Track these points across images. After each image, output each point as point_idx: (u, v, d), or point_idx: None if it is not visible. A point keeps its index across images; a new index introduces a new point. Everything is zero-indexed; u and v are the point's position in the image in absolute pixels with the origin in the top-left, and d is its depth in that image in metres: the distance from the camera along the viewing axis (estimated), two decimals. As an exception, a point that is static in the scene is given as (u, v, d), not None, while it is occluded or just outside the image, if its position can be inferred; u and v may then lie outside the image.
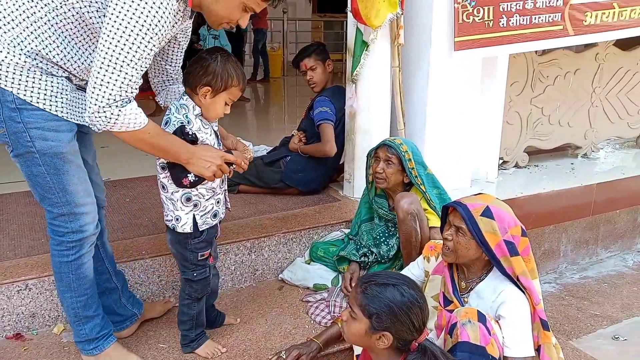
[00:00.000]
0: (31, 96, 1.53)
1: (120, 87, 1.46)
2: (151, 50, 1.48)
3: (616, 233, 3.61)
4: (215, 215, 1.84)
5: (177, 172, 1.70)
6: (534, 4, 2.81)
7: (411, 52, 2.82)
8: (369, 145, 2.81)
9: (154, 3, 1.42)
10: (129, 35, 1.42)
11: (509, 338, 1.62)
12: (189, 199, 1.76)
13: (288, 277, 2.51)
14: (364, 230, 2.46)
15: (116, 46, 1.42)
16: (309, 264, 2.55)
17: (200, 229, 1.80)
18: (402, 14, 2.64)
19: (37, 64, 1.52)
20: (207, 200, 1.79)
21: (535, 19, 2.84)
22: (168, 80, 1.90)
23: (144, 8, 1.41)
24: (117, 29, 1.41)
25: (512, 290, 1.66)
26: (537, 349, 1.71)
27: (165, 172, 1.75)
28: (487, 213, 1.65)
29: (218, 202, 1.84)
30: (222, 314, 2.14)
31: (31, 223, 2.65)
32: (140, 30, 1.42)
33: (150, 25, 1.43)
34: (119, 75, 1.45)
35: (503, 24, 2.77)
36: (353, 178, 2.97)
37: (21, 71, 1.51)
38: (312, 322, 2.20)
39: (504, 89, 3.15)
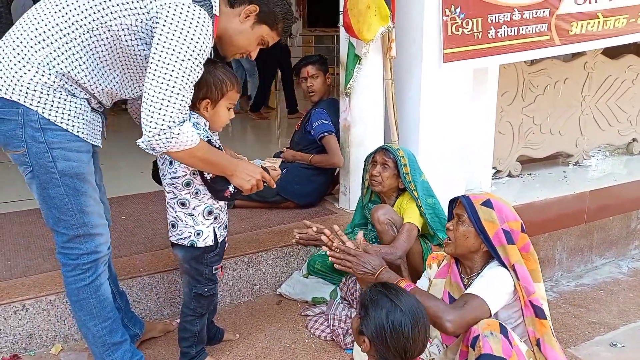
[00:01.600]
0: (56, 116, 1.53)
1: (179, 109, 1.50)
2: (200, 70, 1.55)
3: (610, 240, 3.63)
4: (225, 227, 1.90)
5: (219, 185, 1.75)
6: (521, 15, 2.86)
7: (403, 65, 2.85)
8: (363, 158, 2.83)
9: (198, 27, 1.49)
10: (182, 60, 1.48)
11: (475, 283, 1.72)
12: (210, 212, 1.80)
13: (286, 292, 2.51)
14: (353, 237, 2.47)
15: (172, 71, 1.48)
16: (306, 277, 2.55)
17: (219, 241, 1.85)
18: (393, 27, 2.67)
19: (63, 84, 1.53)
20: (222, 212, 1.85)
21: (522, 29, 2.90)
22: None
23: (193, 34, 1.49)
24: (171, 55, 1.48)
25: (497, 266, 1.74)
26: (537, 344, 1.73)
27: (189, 188, 1.76)
28: (487, 203, 1.77)
29: (226, 214, 1.91)
30: (221, 330, 2.14)
31: (27, 243, 2.64)
32: (191, 54, 1.49)
33: (198, 48, 1.51)
34: (176, 98, 1.49)
35: (492, 35, 2.82)
36: (348, 190, 2.98)
37: (48, 91, 1.51)
38: (311, 336, 2.20)
39: (495, 99, 3.19)
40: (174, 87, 1.49)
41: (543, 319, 1.74)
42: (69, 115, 1.55)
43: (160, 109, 1.48)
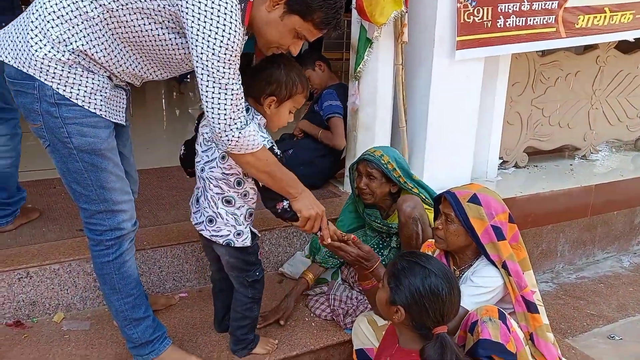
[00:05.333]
0: (70, 92, 1.50)
1: (236, 107, 1.46)
2: (237, 57, 1.45)
3: (613, 234, 3.63)
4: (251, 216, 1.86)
5: (273, 194, 1.69)
6: (530, 5, 2.85)
7: (414, 50, 2.83)
8: (371, 142, 2.83)
9: (227, 14, 1.39)
10: (220, 55, 1.40)
11: (463, 290, 1.66)
12: (251, 215, 1.79)
13: (288, 271, 2.52)
14: None
15: (211, 69, 1.41)
16: (309, 258, 2.56)
17: (258, 236, 1.83)
18: (406, 12, 2.65)
19: (79, 61, 1.49)
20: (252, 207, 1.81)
21: (530, 20, 2.89)
22: None
23: (229, 27, 1.39)
24: (207, 50, 1.39)
25: (486, 264, 1.73)
26: (531, 339, 1.74)
27: (239, 188, 1.72)
28: (474, 199, 1.74)
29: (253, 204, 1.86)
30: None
31: (32, 213, 2.65)
32: (227, 46, 1.40)
33: (232, 40, 1.41)
34: (226, 91, 1.44)
35: (500, 25, 2.81)
36: (354, 174, 2.98)
37: (62, 67, 1.47)
38: (312, 315, 2.22)
39: (506, 89, 3.16)
40: (220, 84, 1.42)
41: (535, 313, 1.75)
42: (85, 91, 1.51)
43: (216, 108, 1.45)
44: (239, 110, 1.48)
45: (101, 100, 1.55)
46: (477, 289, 1.72)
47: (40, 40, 1.45)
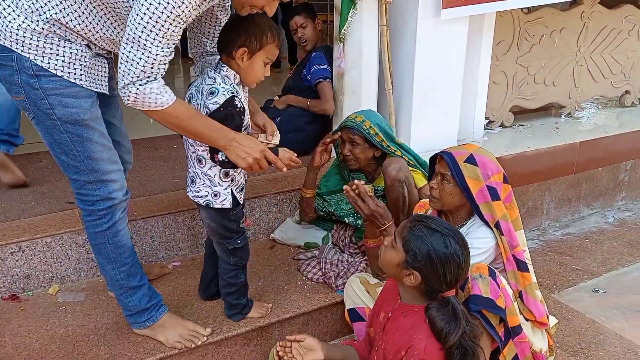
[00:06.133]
0: (48, 63, 1.48)
1: (144, 66, 1.42)
2: (174, 30, 1.42)
3: (598, 191, 3.70)
4: (242, 189, 1.83)
5: (211, 147, 1.67)
6: (514, -38, 2.81)
7: (399, 11, 2.80)
8: (357, 106, 2.82)
9: None
10: (153, 13, 1.36)
11: None
12: (227, 174, 1.73)
13: (279, 237, 2.55)
14: (333, 201, 2.40)
15: (141, 25, 1.38)
16: (299, 223, 2.59)
17: (240, 202, 1.80)
18: (389, -29, 2.61)
19: (54, 30, 1.47)
20: (239, 174, 1.78)
21: (515, -24, 2.86)
22: (206, 52, 1.85)
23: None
24: (144, 8, 1.36)
25: (479, 224, 1.75)
26: (520, 296, 1.78)
27: (206, 145, 1.69)
28: (470, 160, 1.73)
29: (244, 175, 1.84)
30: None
31: (20, 187, 2.63)
32: (165, 8, 1.36)
33: (174, 5, 1.37)
34: (142, 54, 1.41)
35: (488, -18, 2.77)
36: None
37: (38, 37, 1.45)
38: (304, 278, 2.26)
39: (491, 48, 3.15)
40: (139, 42, 1.40)
41: (525, 271, 1.78)
42: (63, 61, 1.49)
43: (126, 62, 1.43)
44: (148, 72, 1.45)
45: (80, 70, 1.53)
46: (473, 250, 1.72)
47: (14, 11, 1.43)
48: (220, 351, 1.92)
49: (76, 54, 1.52)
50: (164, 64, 1.47)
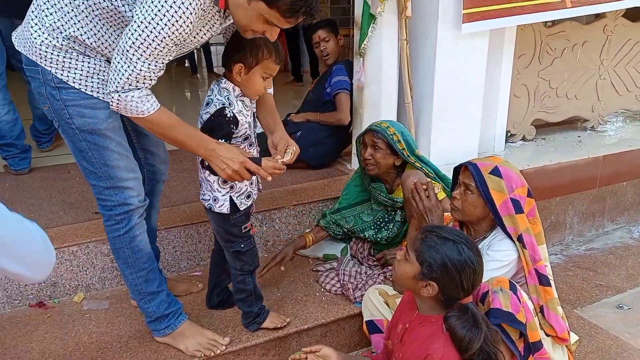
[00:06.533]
0: (67, 76, 1.59)
1: (128, 78, 1.50)
2: (162, 50, 1.48)
3: (623, 205, 3.63)
4: (248, 197, 1.85)
5: None
6: (536, -24, 2.82)
7: (419, 25, 2.83)
8: (376, 119, 2.83)
9: (175, 6, 1.41)
10: (143, 31, 1.43)
11: None
12: (225, 181, 1.76)
13: (298, 248, 2.57)
14: (351, 215, 2.43)
15: (131, 40, 1.45)
16: (317, 233, 2.61)
17: (241, 209, 1.82)
18: (409, -14, 2.64)
19: (74, 46, 1.57)
20: (243, 182, 1.79)
21: (535, -9, 2.86)
22: None
23: (166, 10, 1.41)
24: (136, 25, 1.44)
25: (502, 237, 1.75)
26: (541, 311, 1.77)
27: None
28: (495, 172, 1.74)
29: (252, 183, 1.86)
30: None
31: (49, 197, 2.73)
32: (154, 29, 1.43)
33: (165, 26, 1.43)
34: (128, 67, 1.49)
35: (507, -4, 2.79)
36: (361, 152, 3.01)
37: (59, 52, 1.56)
38: (322, 290, 2.28)
39: (512, 61, 3.15)
40: (127, 56, 1.47)
41: (547, 286, 1.77)
42: (81, 74, 1.60)
43: (114, 72, 1.50)
44: (132, 84, 1.51)
45: (98, 83, 1.62)
46: (494, 263, 1.74)
47: (39, 29, 1.55)
48: (239, 360, 1.95)
49: (94, 68, 1.61)
50: (150, 79, 1.54)
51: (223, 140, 1.68)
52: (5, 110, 2.97)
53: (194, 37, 1.59)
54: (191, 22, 1.46)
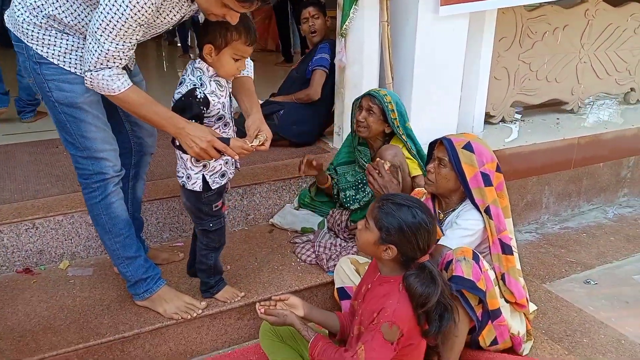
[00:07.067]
0: (47, 52, 1.68)
1: (99, 58, 1.59)
2: (127, 31, 1.56)
3: (599, 186, 3.73)
4: (223, 175, 1.90)
5: None
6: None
7: (399, 7, 2.88)
8: (358, 99, 2.93)
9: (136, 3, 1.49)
10: (108, 13, 1.52)
11: (448, 233, 1.85)
12: (198, 160, 1.80)
13: (278, 222, 2.67)
14: (341, 172, 2.59)
15: (98, 21, 1.54)
16: (297, 209, 2.71)
17: (213, 188, 1.88)
18: (390, -32, 2.69)
19: (53, 24, 1.66)
20: (215, 161, 1.84)
21: (516, -26, 2.90)
22: None
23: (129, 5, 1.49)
24: (102, 7, 1.52)
25: (470, 208, 1.86)
26: (502, 278, 1.87)
27: None
28: (468, 147, 1.85)
29: (226, 162, 1.90)
30: None
31: (36, 170, 2.81)
32: (117, 11, 1.51)
33: (127, 8, 1.51)
34: (98, 47, 1.57)
35: (487, -21, 2.83)
36: (342, 130, 3.09)
37: (39, 30, 1.65)
38: (298, 260, 2.38)
39: (492, 44, 3.21)
40: (96, 37, 1.55)
41: (510, 254, 1.87)
42: (59, 51, 1.69)
43: (86, 52, 1.60)
44: (103, 62, 1.60)
45: (76, 60, 1.71)
46: (462, 231, 1.85)
47: (22, 7, 1.65)
48: (215, 324, 2.05)
49: (72, 46, 1.70)
50: (120, 59, 1.62)
51: (193, 121, 1.73)
52: None
53: (164, 19, 1.66)
54: (153, 4, 1.53)
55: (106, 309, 2.02)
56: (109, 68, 1.62)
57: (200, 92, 1.74)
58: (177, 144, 1.76)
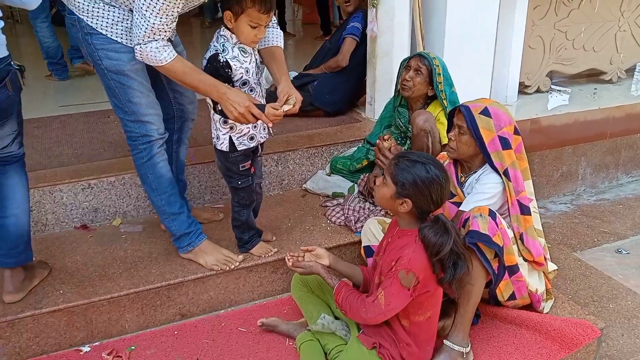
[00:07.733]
0: (96, 23, 1.85)
1: (146, 31, 1.75)
2: (169, 4, 1.71)
3: (638, 158, 3.67)
4: (252, 139, 2.01)
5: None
6: None
7: (431, -24, 2.92)
8: (390, 69, 3.00)
9: None
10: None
11: (469, 198, 1.93)
12: (225, 122, 1.94)
13: (310, 187, 2.82)
14: (378, 131, 2.70)
15: (143, 4, 1.69)
16: (329, 175, 2.84)
17: (239, 149, 1.99)
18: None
19: None
20: (244, 124, 1.94)
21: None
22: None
23: None
24: None
25: (489, 171, 1.93)
26: (521, 238, 1.93)
27: None
28: (485, 112, 1.91)
29: (255, 127, 2.01)
30: (259, 230, 2.33)
31: (90, 137, 3.05)
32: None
33: None
34: (143, 21, 1.73)
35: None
36: (374, 100, 3.17)
37: (89, 3, 1.83)
38: (328, 221, 2.52)
39: (526, 12, 3.19)
40: (143, 13, 1.71)
41: (527, 215, 1.93)
42: (107, 22, 1.86)
43: (134, 27, 1.76)
44: (150, 36, 1.75)
45: (122, 30, 1.88)
46: (482, 195, 1.92)
47: None
48: (251, 276, 2.22)
49: (119, 17, 1.86)
50: (165, 32, 1.78)
51: (232, 87, 1.87)
52: (52, 40, 4.27)
53: None
54: None
55: (154, 260, 2.23)
56: (156, 41, 1.78)
57: (222, 57, 1.86)
58: (219, 109, 1.90)
